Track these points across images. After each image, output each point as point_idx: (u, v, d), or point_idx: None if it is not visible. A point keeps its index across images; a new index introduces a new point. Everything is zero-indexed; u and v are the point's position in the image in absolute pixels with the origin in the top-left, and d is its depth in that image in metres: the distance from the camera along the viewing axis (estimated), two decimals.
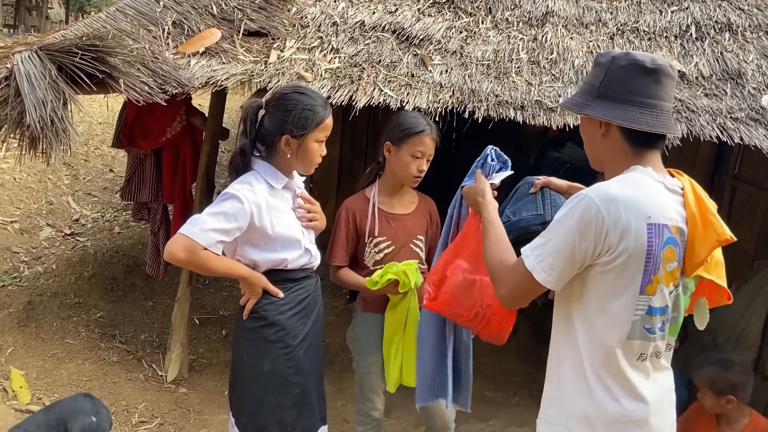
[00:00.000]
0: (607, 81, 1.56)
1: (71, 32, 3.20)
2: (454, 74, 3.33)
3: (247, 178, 2.13)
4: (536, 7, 3.74)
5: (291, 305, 2.22)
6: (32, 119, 2.63)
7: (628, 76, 1.54)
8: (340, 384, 3.78)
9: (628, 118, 1.52)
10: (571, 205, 1.52)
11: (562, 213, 1.54)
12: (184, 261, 2.05)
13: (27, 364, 3.70)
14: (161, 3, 3.40)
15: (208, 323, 4.46)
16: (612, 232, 1.46)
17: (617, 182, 1.53)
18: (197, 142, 4.12)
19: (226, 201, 2.07)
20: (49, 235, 5.38)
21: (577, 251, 1.50)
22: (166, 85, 2.94)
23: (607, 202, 1.47)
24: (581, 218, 1.48)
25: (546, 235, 1.56)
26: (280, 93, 2.17)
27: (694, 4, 3.81)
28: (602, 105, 1.56)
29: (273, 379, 2.19)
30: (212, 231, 2.02)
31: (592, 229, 1.47)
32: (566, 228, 1.50)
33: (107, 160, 7.05)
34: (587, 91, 1.61)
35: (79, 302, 4.43)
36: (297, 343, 2.22)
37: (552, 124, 3.12)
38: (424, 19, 3.62)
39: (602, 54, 1.62)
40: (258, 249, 2.16)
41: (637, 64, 1.53)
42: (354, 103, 3.11)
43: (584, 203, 1.49)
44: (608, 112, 1.55)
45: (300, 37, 3.45)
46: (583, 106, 1.60)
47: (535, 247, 1.56)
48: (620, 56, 1.56)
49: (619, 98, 1.54)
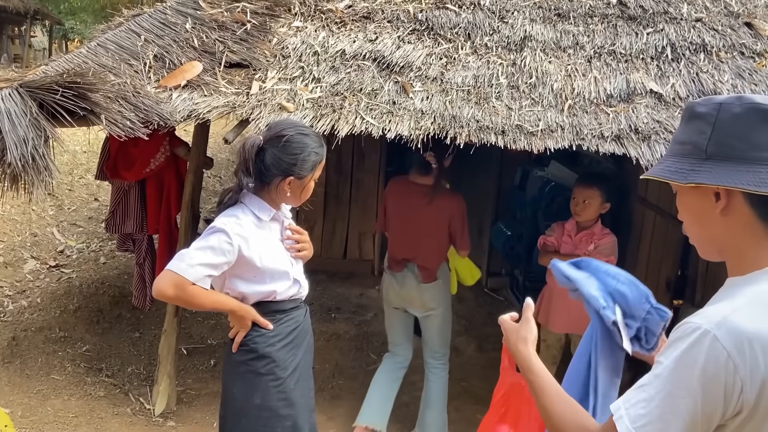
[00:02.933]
0: (719, 136, 1.15)
1: (52, 68, 3.20)
2: (435, 100, 3.36)
3: (233, 211, 2.13)
4: (514, 32, 3.79)
5: (281, 337, 2.22)
6: (13, 157, 2.62)
7: (749, 127, 1.13)
8: (331, 412, 3.76)
9: (763, 182, 1.09)
10: (687, 344, 1.06)
11: (673, 355, 1.08)
12: (173, 297, 2.05)
13: (12, 401, 3.65)
14: (142, 37, 3.42)
15: (196, 353, 4.42)
16: (749, 386, 1.03)
17: (750, 308, 1.07)
18: (181, 172, 4.12)
19: (213, 235, 2.07)
20: (33, 267, 5.33)
21: (699, 415, 1.05)
22: (149, 119, 2.95)
23: (740, 342, 1.03)
24: (706, 368, 1.03)
25: (649, 388, 1.09)
26: (282, 133, 2.13)
27: (669, 26, 3.88)
28: (719, 169, 1.13)
29: (264, 413, 2.18)
30: (200, 266, 2.03)
31: (721, 383, 1.03)
32: (683, 380, 1.06)
33: (92, 189, 7.03)
34: (687, 152, 1.19)
35: (65, 336, 4.38)
36: (287, 375, 2.22)
37: (533, 148, 3.15)
38: (404, 46, 3.66)
39: (700, 102, 1.20)
40: (246, 281, 2.17)
41: (760, 109, 1.13)
42: (336, 132, 3.13)
43: (707, 346, 1.04)
44: (731, 177, 1.12)
45: (281, 68, 3.47)
46: (688, 173, 1.17)
47: (633, 404, 1.10)
48: (731, 102, 1.15)
49: (741, 157, 1.12)
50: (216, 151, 8.23)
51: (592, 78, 3.54)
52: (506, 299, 5.64)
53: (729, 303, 1.10)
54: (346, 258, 5.95)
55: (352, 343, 4.68)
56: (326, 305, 5.22)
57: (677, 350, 1.08)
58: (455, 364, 4.41)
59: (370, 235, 5.91)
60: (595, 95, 3.45)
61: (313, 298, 5.34)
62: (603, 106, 3.39)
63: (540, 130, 3.23)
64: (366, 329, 4.88)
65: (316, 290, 5.35)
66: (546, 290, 3.78)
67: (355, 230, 5.92)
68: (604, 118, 3.32)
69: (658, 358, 1.12)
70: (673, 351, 1.08)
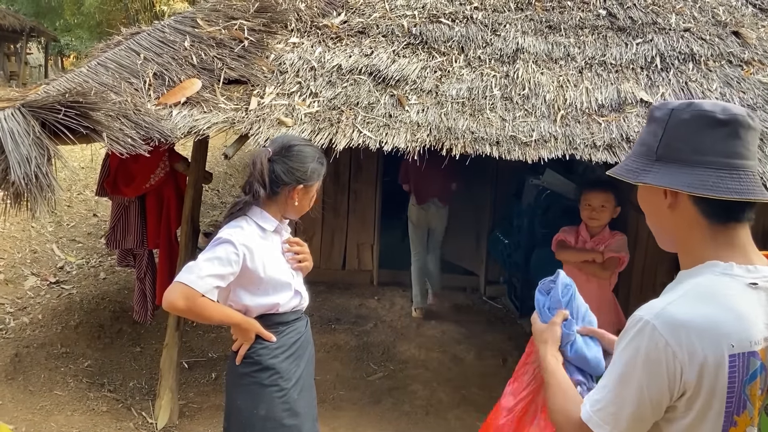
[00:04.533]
0: (667, 139, 1.25)
1: (53, 87, 3.26)
2: (431, 113, 3.42)
3: (238, 223, 2.18)
4: (507, 44, 3.87)
5: (284, 348, 2.26)
6: (17, 176, 2.66)
7: (695, 131, 1.23)
8: (333, 423, 3.78)
9: (702, 183, 1.20)
10: (631, 335, 1.20)
11: (622, 344, 1.22)
12: (184, 309, 2.07)
13: (16, 417, 3.67)
14: (141, 55, 3.48)
15: (197, 367, 4.44)
16: (687, 369, 1.15)
17: (685, 299, 1.20)
18: (180, 186, 4.17)
19: (219, 246, 2.10)
20: (34, 284, 5.36)
21: (646, 397, 1.18)
22: (149, 136, 3.00)
23: (676, 330, 1.15)
24: (648, 355, 1.16)
25: (606, 375, 1.25)
26: (291, 143, 2.22)
27: (658, 36, 3.96)
28: (665, 170, 1.25)
29: (268, 424, 2.21)
30: (209, 277, 2.06)
31: (663, 368, 1.16)
32: (629, 366, 1.19)
33: (90, 205, 7.06)
34: (643, 153, 1.30)
35: (67, 352, 4.41)
36: (291, 386, 2.25)
37: (527, 158, 3.21)
38: (399, 60, 3.72)
39: (657, 106, 1.31)
40: (250, 293, 2.20)
41: (705, 116, 1.22)
42: (334, 146, 3.18)
43: (648, 334, 1.17)
44: (673, 177, 1.23)
45: (279, 83, 3.54)
46: (639, 172, 1.28)
47: (594, 391, 1.26)
48: (681, 108, 1.26)
49: (685, 160, 1.23)
50: (213, 165, 8.29)
51: (584, 88, 3.61)
52: (505, 307, 5.68)
53: (669, 295, 1.23)
54: (345, 269, 5.99)
55: (352, 353, 4.71)
56: (326, 316, 5.26)
57: (624, 341, 1.22)
58: (455, 373, 4.45)
59: (368, 245, 5.96)
60: (587, 105, 3.52)
61: (313, 309, 5.35)
62: (595, 116, 3.46)
63: (534, 141, 3.29)
64: (366, 339, 4.92)
65: (316, 301, 5.38)
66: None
67: (353, 241, 5.97)
68: (596, 128, 3.38)
69: (615, 345, 1.26)
70: (623, 341, 1.23)
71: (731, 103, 1.35)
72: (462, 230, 6.20)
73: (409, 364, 4.59)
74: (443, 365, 4.59)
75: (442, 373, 4.46)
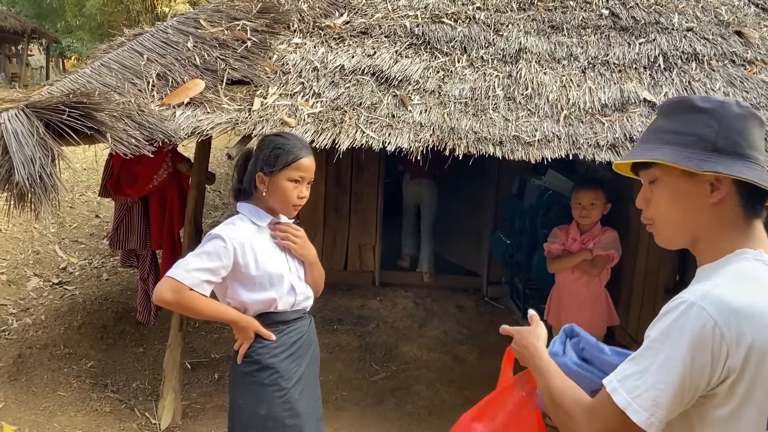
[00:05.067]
0: (725, 131, 1.23)
1: (57, 88, 3.26)
2: (434, 113, 3.42)
3: (231, 219, 2.24)
4: (509, 44, 3.87)
5: (284, 348, 2.26)
6: (21, 176, 2.67)
7: (747, 127, 1.25)
8: (336, 423, 3.78)
9: (760, 177, 1.21)
10: (674, 316, 1.15)
11: (662, 327, 1.17)
12: (172, 302, 2.12)
13: (19, 419, 3.67)
14: (144, 56, 3.48)
15: (200, 367, 4.44)
16: (734, 352, 1.12)
17: (732, 283, 1.17)
18: (183, 187, 4.17)
19: (209, 241, 2.16)
20: (36, 285, 5.36)
21: (688, 381, 1.14)
22: (153, 136, 3.00)
23: (725, 311, 1.12)
24: (694, 335, 1.12)
25: (641, 360, 1.18)
26: (264, 139, 2.32)
27: (661, 35, 3.96)
28: (728, 161, 1.22)
29: (269, 423, 2.21)
30: (196, 270, 2.10)
31: (708, 350, 1.12)
32: (673, 349, 1.14)
33: (93, 206, 7.07)
34: (692, 143, 1.24)
35: (70, 353, 4.41)
36: (291, 386, 2.25)
37: (530, 158, 3.21)
38: (402, 60, 3.72)
39: (703, 98, 1.29)
40: (246, 289, 2.21)
41: (752, 113, 1.26)
42: (337, 146, 3.18)
43: (694, 315, 1.13)
44: (740, 169, 1.21)
45: (282, 84, 3.54)
46: (701, 162, 1.22)
47: (626, 376, 1.19)
48: (732, 103, 1.26)
49: (742, 154, 1.23)
50: (216, 165, 8.29)
51: (587, 88, 3.61)
52: (507, 307, 5.68)
53: (709, 281, 1.19)
54: (347, 270, 5.98)
55: (354, 354, 4.71)
56: (328, 317, 5.25)
57: (665, 322, 1.16)
58: (457, 373, 4.45)
59: (370, 246, 5.96)
60: (590, 105, 3.52)
61: (315, 310, 5.29)
62: (598, 116, 3.46)
63: (537, 141, 3.29)
64: (368, 340, 4.91)
65: (318, 302, 5.32)
66: (554, 291, 3.84)
67: (355, 242, 5.96)
68: (600, 128, 3.38)
69: (647, 332, 1.20)
70: (661, 324, 1.17)
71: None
72: (464, 231, 6.21)
73: (412, 364, 4.59)
74: (446, 366, 4.59)
75: (444, 374, 4.46)
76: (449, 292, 5.80)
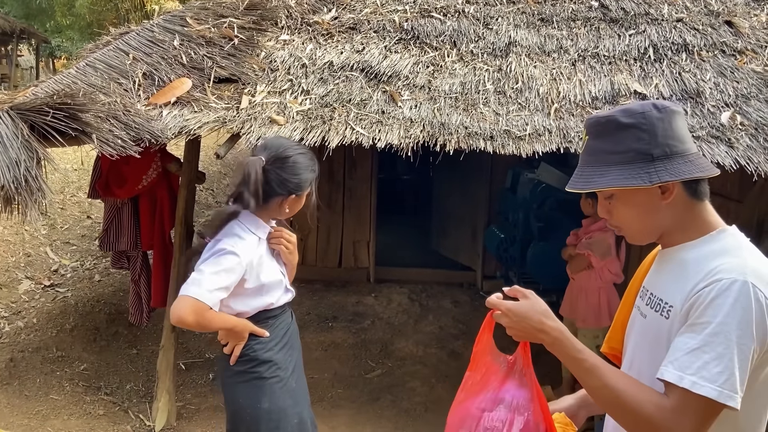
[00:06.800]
0: (657, 139, 1.31)
1: (42, 90, 3.22)
2: (424, 108, 3.40)
3: (234, 231, 2.13)
4: (499, 38, 3.84)
5: (277, 340, 2.29)
6: (6, 180, 2.63)
7: (671, 125, 1.32)
8: (332, 421, 3.77)
9: (698, 168, 1.32)
10: (733, 297, 1.20)
11: (724, 309, 1.20)
12: (193, 324, 2.03)
13: (12, 423, 3.64)
14: (130, 55, 3.45)
15: (194, 368, 4.42)
16: None
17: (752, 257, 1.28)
18: (173, 187, 4.14)
19: (225, 258, 2.06)
20: (28, 288, 5.32)
21: (757, 353, 1.21)
22: (140, 137, 2.97)
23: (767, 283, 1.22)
24: (756, 311, 1.19)
25: (714, 346, 1.19)
26: (285, 154, 2.17)
27: (651, 27, 3.94)
28: (669, 165, 1.30)
29: (273, 415, 2.24)
30: (217, 290, 2.04)
31: (764, 324, 1.20)
32: (741, 328, 1.18)
33: (84, 207, 7.01)
34: (633, 159, 1.32)
35: (62, 356, 4.38)
36: (289, 375, 2.30)
37: (521, 152, 3.19)
38: (391, 56, 3.70)
39: (624, 112, 1.34)
40: (244, 299, 2.21)
41: (672, 110, 1.34)
42: (327, 143, 3.16)
43: (746, 292, 1.20)
44: (681, 169, 1.31)
45: (270, 81, 3.51)
46: (647, 176, 1.30)
47: (701, 367, 1.19)
48: (651, 108, 1.33)
49: (679, 152, 1.32)
50: (207, 164, 8.24)
51: (577, 81, 3.59)
52: None
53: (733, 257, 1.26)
54: (341, 266, 5.97)
55: (350, 351, 4.69)
56: (323, 314, 5.24)
57: (724, 306, 1.20)
58: (453, 369, 4.44)
59: (364, 243, 5.94)
60: (580, 98, 3.50)
61: (310, 307, 5.35)
62: (589, 109, 3.44)
63: (528, 135, 3.27)
64: (363, 337, 4.90)
65: (313, 299, 5.37)
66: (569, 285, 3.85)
67: (349, 238, 5.94)
68: None
69: (702, 319, 1.21)
70: (719, 309, 1.20)
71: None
72: (458, 225, 6.19)
73: (407, 360, 4.58)
74: (441, 361, 4.58)
75: (440, 370, 4.45)
76: (444, 287, 5.79)
